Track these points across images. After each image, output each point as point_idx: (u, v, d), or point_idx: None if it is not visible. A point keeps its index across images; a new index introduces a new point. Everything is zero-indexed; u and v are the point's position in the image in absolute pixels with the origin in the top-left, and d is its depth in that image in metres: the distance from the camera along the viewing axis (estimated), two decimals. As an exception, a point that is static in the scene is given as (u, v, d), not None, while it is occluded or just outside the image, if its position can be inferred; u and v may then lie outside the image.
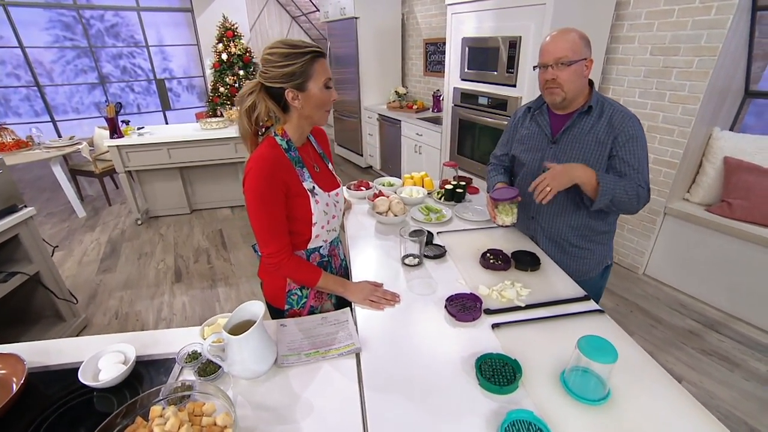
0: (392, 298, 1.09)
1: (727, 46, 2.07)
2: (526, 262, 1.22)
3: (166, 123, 6.46)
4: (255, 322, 0.81)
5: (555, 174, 1.12)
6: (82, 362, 0.85)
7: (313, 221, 1.08)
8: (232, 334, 0.79)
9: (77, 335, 2.26)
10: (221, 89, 5.46)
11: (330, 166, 1.22)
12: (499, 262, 1.23)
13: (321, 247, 1.17)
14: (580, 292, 1.11)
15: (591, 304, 1.06)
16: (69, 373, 0.86)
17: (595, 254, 1.35)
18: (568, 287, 1.14)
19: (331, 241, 1.21)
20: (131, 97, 6.29)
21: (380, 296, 1.08)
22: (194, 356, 0.89)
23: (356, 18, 4.25)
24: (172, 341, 0.97)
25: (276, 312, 1.18)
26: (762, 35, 2.18)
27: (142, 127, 3.69)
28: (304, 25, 7.31)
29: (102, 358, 0.87)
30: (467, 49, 2.90)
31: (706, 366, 1.95)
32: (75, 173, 4.16)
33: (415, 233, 1.26)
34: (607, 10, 2.42)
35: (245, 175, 0.99)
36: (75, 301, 2.27)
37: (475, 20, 2.77)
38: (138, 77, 6.25)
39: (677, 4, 2.17)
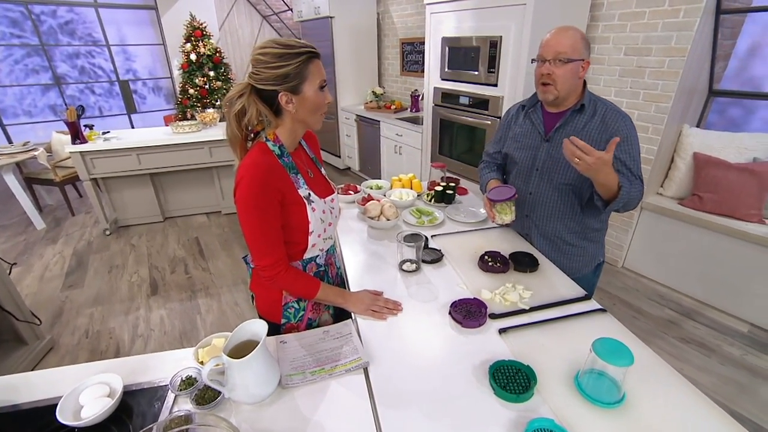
0: (394, 307, 1.05)
1: (695, 47, 2.17)
2: (524, 263, 1.22)
3: (132, 127, 6.12)
4: (256, 342, 0.76)
5: (597, 163, 1.02)
6: (59, 398, 0.76)
7: (310, 230, 1.03)
8: (231, 357, 0.73)
9: (42, 358, 2.08)
10: (191, 91, 5.23)
11: (322, 170, 1.17)
12: (498, 264, 1.21)
13: (317, 256, 1.11)
14: (580, 291, 1.12)
15: (593, 304, 1.06)
16: (44, 411, 0.77)
17: (588, 251, 1.37)
18: (568, 287, 1.15)
19: (327, 249, 1.16)
20: (92, 99, 5.90)
21: (382, 305, 1.05)
22: (189, 382, 0.82)
23: (331, 17, 4.18)
24: (161, 366, 0.89)
25: (271, 327, 1.11)
26: (724, 37, 2.31)
27: (108, 132, 3.46)
28: (275, 24, 7.13)
29: (83, 392, 0.78)
30: (447, 48, 2.90)
31: (686, 354, 2.04)
32: (31, 182, 3.86)
33: (412, 238, 1.23)
34: (582, 11, 2.48)
35: (237, 184, 0.93)
36: (38, 323, 2.09)
37: (455, 20, 2.77)
38: (99, 78, 5.88)
39: (648, 6, 2.25)
